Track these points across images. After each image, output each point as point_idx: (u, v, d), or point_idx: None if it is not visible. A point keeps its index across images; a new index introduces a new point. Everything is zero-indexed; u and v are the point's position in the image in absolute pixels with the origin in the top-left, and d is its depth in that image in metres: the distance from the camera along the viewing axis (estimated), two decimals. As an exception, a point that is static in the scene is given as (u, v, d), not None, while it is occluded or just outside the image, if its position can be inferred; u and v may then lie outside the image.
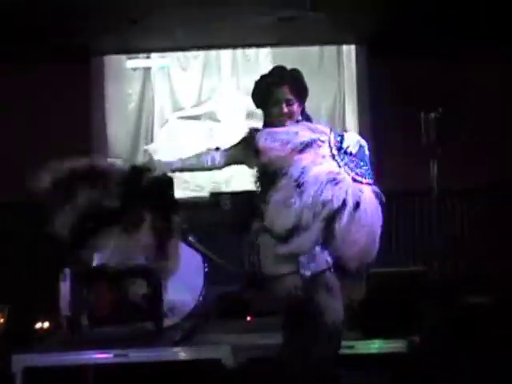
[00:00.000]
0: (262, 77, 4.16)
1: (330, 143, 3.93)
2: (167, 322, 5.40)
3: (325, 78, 9.28)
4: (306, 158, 3.83)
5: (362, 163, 3.98)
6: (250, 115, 9.16)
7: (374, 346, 4.96)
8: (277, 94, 4.06)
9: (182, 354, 4.88)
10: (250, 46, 9.29)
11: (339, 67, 9.32)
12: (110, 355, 4.89)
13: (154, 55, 9.37)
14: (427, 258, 6.98)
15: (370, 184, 3.95)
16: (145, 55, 9.37)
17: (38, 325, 5.70)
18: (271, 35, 8.82)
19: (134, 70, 9.33)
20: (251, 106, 4.40)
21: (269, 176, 3.90)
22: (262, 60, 9.32)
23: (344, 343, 4.87)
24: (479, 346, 5.02)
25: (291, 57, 9.23)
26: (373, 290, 5.72)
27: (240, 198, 6.01)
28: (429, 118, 6.29)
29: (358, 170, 3.91)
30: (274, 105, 4.06)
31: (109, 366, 5.00)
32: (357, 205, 3.79)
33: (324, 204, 3.71)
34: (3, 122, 8.77)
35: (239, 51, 9.35)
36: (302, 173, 3.77)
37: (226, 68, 9.36)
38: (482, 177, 8.38)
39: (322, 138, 3.95)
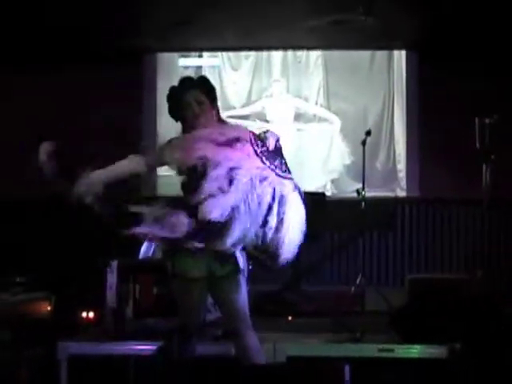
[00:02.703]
0: (172, 87, 4.24)
1: (251, 141, 4.00)
2: (210, 317, 5.44)
3: (374, 82, 9.30)
4: (235, 154, 3.92)
5: (280, 159, 4.05)
6: (298, 116, 9.21)
7: (414, 350, 4.96)
8: (187, 96, 4.14)
9: (223, 349, 4.92)
10: (301, 48, 9.33)
11: (389, 72, 9.32)
12: (153, 348, 4.95)
13: (205, 54, 9.46)
14: (471, 266, 6.97)
15: (290, 178, 4.01)
16: (197, 54, 9.47)
17: (84, 314, 5.78)
18: (323, 38, 8.85)
19: (186, 68, 9.43)
20: (300, 107, 4.45)
21: (198, 172, 3.94)
22: (312, 62, 9.37)
23: (384, 347, 4.94)
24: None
25: (342, 60, 9.27)
26: (416, 295, 5.74)
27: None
28: (483, 124, 6.24)
29: (278, 166, 3.98)
30: (186, 107, 4.15)
31: (150, 358, 5.06)
32: (282, 198, 3.87)
33: (258, 199, 3.82)
34: (57, 118, 8.92)
35: (290, 53, 9.40)
36: (234, 166, 3.86)
37: (276, 69, 9.42)
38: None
39: (243, 136, 4.02)
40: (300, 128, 9.22)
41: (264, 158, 3.96)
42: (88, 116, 8.95)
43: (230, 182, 3.83)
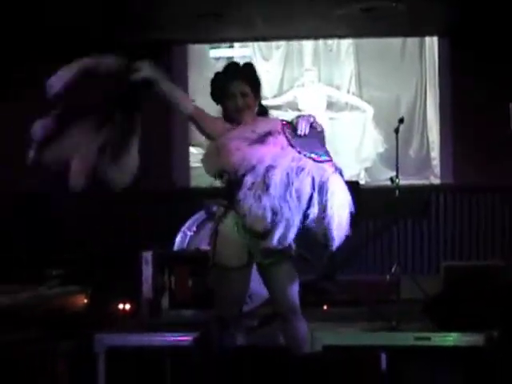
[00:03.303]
0: (217, 73, 4.23)
1: (283, 131, 3.99)
2: (245, 308, 5.46)
3: (406, 69, 9.26)
4: (268, 151, 3.90)
5: (318, 141, 4.03)
6: (330, 105, 9.20)
7: (450, 338, 4.94)
8: (232, 87, 4.13)
9: (258, 340, 4.94)
10: (331, 36, 9.30)
11: (421, 59, 9.27)
12: (190, 338, 4.98)
13: (236, 45, 9.46)
14: (507, 252, 6.91)
15: (329, 160, 3.98)
16: (227, 45, 9.47)
17: (120, 306, 5.83)
18: (353, 26, 8.80)
19: (217, 59, 9.43)
20: (332, 96, 4.45)
21: (234, 175, 3.95)
22: (343, 51, 9.34)
23: (420, 335, 4.93)
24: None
25: (373, 48, 9.23)
26: (452, 283, 5.72)
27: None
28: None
29: (315, 151, 3.95)
30: (229, 98, 4.15)
31: (187, 350, 5.09)
32: (323, 185, 3.84)
33: (297, 193, 3.79)
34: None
35: (321, 42, 9.37)
36: (269, 166, 3.83)
37: (307, 58, 9.40)
38: None
39: (274, 128, 4.01)
40: (332, 117, 9.20)
41: (299, 147, 3.95)
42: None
43: (267, 187, 3.81)
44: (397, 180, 6.89)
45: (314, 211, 3.82)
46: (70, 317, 5.47)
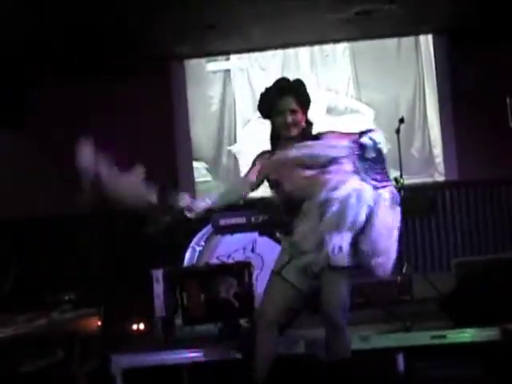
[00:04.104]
0: (268, 89, 4.23)
1: (349, 155, 3.96)
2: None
3: (403, 69, 9.27)
4: (329, 180, 3.89)
5: (380, 165, 4.01)
6: (329, 111, 9.20)
7: (466, 335, 4.92)
8: (281, 103, 4.14)
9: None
10: (327, 41, 9.31)
11: (417, 58, 9.27)
12: (203, 353, 4.99)
13: (233, 57, 9.48)
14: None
15: (388, 185, 4.00)
16: (224, 57, 9.49)
17: (134, 326, 5.83)
18: (348, 30, 8.81)
19: (214, 72, 9.47)
20: (331, 101, 4.45)
21: (292, 202, 4.00)
22: (339, 55, 9.35)
23: (435, 333, 4.92)
24: None
25: (369, 50, 9.24)
26: (464, 278, 5.70)
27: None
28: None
29: (377, 175, 3.96)
30: (278, 114, 4.15)
31: (204, 365, 5.09)
32: (372, 212, 3.89)
33: (350, 222, 3.84)
34: (87, 132, 8.99)
35: (317, 48, 9.38)
36: (326, 197, 3.84)
37: (304, 65, 9.41)
38: None
39: (342, 154, 3.98)
40: (333, 121, 9.20)
41: (363, 173, 3.94)
42: (121, 123, 9.01)
43: (322, 214, 3.83)
44: (401, 180, 6.89)
45: (363, 238, 3.92)
46: (85, 340, 5.47)
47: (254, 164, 4.26)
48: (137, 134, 8.92)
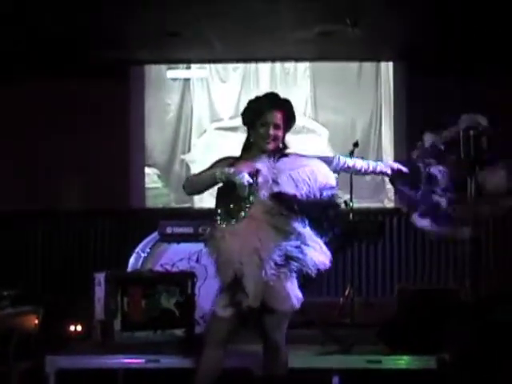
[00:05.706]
0: (258, 98, 4.25)
1: None
2: (198, 330, 5.45)
3: (362, 93, 9.35)
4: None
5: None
6: (286, 129, 9.21)
7: (402, 361, 4.95)
8: (269, 116, 4.17)
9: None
10: (289, 59, 9.36)
11: (377, 83, 9.35)
12: (142, 361, 4.94)
13: (193, 66, 9.48)
14: (459, 275, 6.94)
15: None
16: (185, 66, 9.48)
17: (72, 327, 5.76)
18: (310, 49, 8.88)
19: (174, 80, 9.46)
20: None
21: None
22: (300, 74, 9.40)
23: (372, 358, 4.94)
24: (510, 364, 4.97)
25: (330, 72, 9.30)
26: (404, 306, 5.74)
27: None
28: (468, 136, 6.25)
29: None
30: (263, 125, 4.18)
31: (140, 372, 5.05)
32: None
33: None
34: (47, 131, 8.94)
35: (278, 64, 9.43)
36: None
37: (264, 81, 9.43)
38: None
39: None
40: (289, 139, 9.19)
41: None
42: (76, 127, 8.97)
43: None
44: (351, 203, 6.94)
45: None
46: (21, 337, 5.39)
47: (212, 167, 4.22)
48: (96, 135, 8.89)
